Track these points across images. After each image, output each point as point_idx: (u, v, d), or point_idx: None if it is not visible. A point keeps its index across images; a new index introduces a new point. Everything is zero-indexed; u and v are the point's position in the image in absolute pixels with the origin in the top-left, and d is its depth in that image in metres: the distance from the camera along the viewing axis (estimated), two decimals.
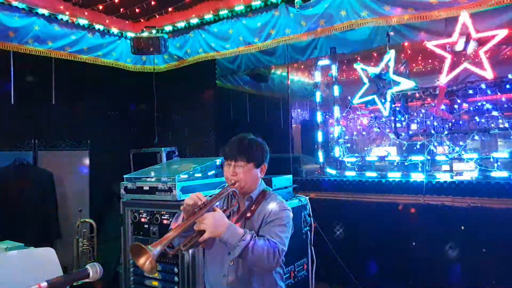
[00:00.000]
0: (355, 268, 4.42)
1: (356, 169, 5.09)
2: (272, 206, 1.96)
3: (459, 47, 4.26)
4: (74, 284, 1.59)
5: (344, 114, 5.65)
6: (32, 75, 5.15)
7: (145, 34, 5.45)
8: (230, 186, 1.94)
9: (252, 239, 1.73)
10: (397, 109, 5.22)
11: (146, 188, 3.44)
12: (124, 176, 3.69)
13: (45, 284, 1.36)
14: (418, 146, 4.89)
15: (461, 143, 4.93)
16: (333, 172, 5.25)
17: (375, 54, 5.46)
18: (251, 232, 1.78)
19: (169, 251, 1.70)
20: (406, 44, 5.07)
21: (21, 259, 2.19)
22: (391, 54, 4.83)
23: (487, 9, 3.74)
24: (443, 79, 4.42)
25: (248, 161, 1.96)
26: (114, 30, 5.50)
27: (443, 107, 4.86)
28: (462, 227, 3.87)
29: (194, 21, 5.27)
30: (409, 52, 5.11)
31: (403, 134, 5.24)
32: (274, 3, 4.71)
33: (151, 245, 1.57)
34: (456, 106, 5.06)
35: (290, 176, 3.70)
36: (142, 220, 3.50)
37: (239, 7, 4.84)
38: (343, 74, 7.26)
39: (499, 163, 4.17)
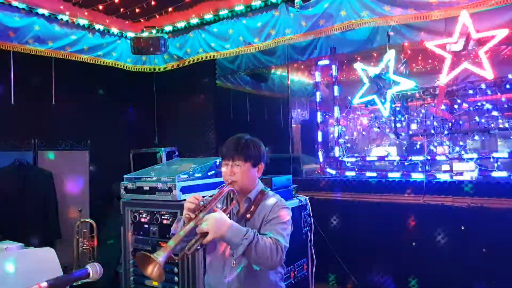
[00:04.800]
0: (355, 268, 4.42)
1: (356, 169, 5.09)
2: (271, 205, 1.97)
3: (459, 47, 4.25)
4: (74, 284, 1.59)
5: (344, 114, 5.65)
6: (32, 75, 5.15)
7: (145, 34, 5.46)
8: (228, 186, 1.95)
9: (254, 237, 1.73)
10: (397, 109, 5.22)
11: (146, 188, 3.43)
12: (124, 176, 3.68)
13: (45, 284, 1.37)
14: (418, 146, 4.89)
15: (461, 143, 4.93)
16: (333, 172, 5.25)
17: (375, 54, 5.46)
18: (253, 230, 1.78)
19: (174, 256, 1.70)
20: (406, 44, 5.06)
21: (21, 259, 2.19)
22: (391, 54, 4.83)
23: (487, 9, 3.74)
24: (443, 79, 4.42)
25: (245, 160, 1.97)
26: (114, 30, 5.51)
27: (443, 107, 4.86)
28: (462, 227, 3.87)
29: (194, 21, 5.28)
30: (409, 52, 5.10)
31: (403, 134, 5.24)
32: (274, 3, 4.71)
33: (156, 253, 1.56)
34: (456, 106, 5.06)
35: (290, 176, 3.69)
36: (142, 220, 3.49)
37: (239, 7, 4.84)
38: (343, 74, 7.26)
39: (499, 163, 4.16)
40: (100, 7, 5.03)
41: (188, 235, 1.73)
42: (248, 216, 1.98)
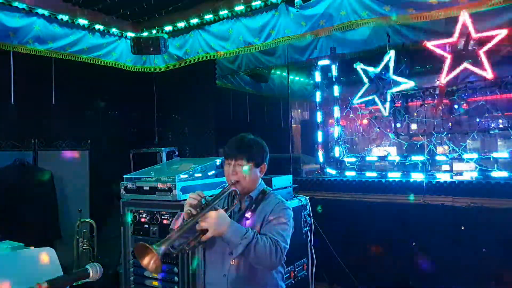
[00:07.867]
0: (355, 268, 4.42)
1: (356, 169, 5.09)
2: (273, 205, 1.97)
3: (459, 47, 4.26)
4: (74, 284, 1.59)
5: (344, 114, 5.65)
6: (32, 75, 5.15)
7: (145, 34, 5.46)
8: (231, 186, 1.95)
9: (254, 237, 1.74)
10: (397, 109, 5.22)
11: (146, 188, 3.43)
12: (124, 176, 3.68)
13: (45, 284, 1.37)
14: (418, 146, 4.89)
15: (461, 143, 4.93)
16: (333, 172, 5.25)
17: (375, 54, 5.46)
18: (253, 230, 1.79)
19: (172, 251, 1.71)
20: (406, 44, 5.06)
21: (21, 259, 2.19)
22: (391, 54, 4.83)
23: (487, 9, 3.74)
24: (443, 79, 4.42)
25: (248, 160, 1.97)
26: (114, 30, 5.51)
27: (443, 107, 4.86)
28: (462, 227, 3.87)
29: (194, 21, 5.27)
30: (409, 52, 5.11)
31: (403, 134, 5.24)
32: (274, 3, 4.71)
33: (155, 244, 1.58)
34: (456, 106, 5.06)
35: (290, 176, 3.69)
36: (142, 220, 3.49)
37: (239, 7, 4.84)
38: (343, 74, 7.26)
39: (499, 163, 4.17)
40: (100, 7, 5.04)
41: (188, 231, 1.73)
42: (248, 214, 1.98)
